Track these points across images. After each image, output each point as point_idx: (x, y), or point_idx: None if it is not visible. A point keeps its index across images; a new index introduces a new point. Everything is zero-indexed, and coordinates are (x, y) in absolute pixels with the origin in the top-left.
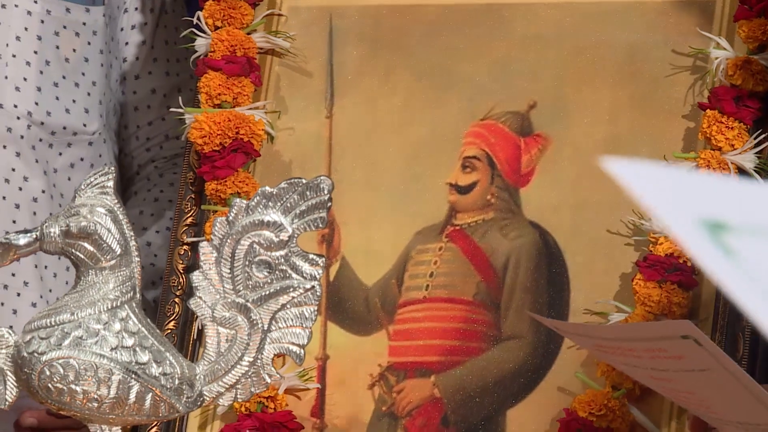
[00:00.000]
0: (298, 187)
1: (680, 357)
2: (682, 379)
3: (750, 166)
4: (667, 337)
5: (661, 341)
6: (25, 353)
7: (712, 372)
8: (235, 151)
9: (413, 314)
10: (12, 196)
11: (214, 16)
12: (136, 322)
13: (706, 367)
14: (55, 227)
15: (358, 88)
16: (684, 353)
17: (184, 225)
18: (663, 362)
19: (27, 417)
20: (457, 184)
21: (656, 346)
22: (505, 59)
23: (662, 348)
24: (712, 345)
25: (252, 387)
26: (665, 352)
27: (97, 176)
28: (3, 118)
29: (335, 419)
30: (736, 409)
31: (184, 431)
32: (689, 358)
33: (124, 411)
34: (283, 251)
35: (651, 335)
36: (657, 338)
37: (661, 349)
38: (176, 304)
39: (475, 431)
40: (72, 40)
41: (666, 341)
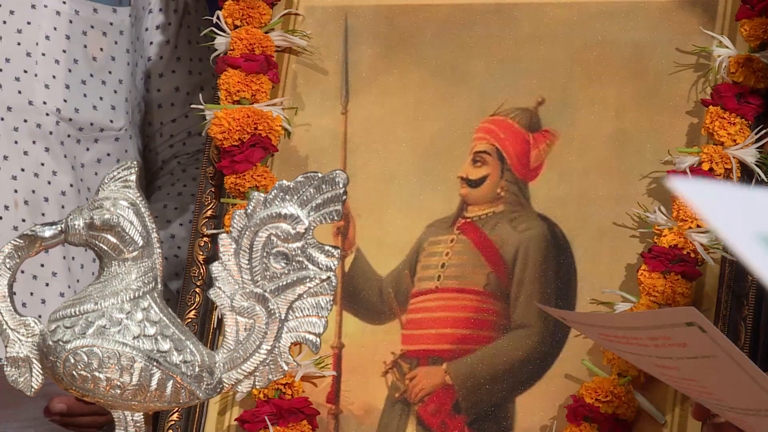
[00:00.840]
0: (314, 181)
1: (684, 344)
2: (685, 366)
3: (751, 160)
4: (672, 325)
5: (666, 329)
6: (50, 342)
7: (716, 359)
8: (254, 146)
9: (425, 304)
10: (41, 189)
11: (233, 16)
12: (157, 311)
13: (710, 353)
14: (79, 220)
15: (372, 85)
16: (688, 340)
17: (204, 217)
18: (667, 350)
19: (56, 403)
20: (468, 178)
21: (661, 333)
22: (514, 57)
23: (666, 336)
24: (716, 331)
25: (270, 374)
26: (669, 339)
27: (120, 170)
28: (33, 115)
29: (350, 405)
30: (738, 395)
31: (204, 417)
32: (693, 345)
33: (146, 397)
34: (300, 243)
35: (656, 323)
36: (662, 326)
37: (665, 337)
38: (197, 293)
39: (485, 417)
40: (99, 40)
41: (670, 329)
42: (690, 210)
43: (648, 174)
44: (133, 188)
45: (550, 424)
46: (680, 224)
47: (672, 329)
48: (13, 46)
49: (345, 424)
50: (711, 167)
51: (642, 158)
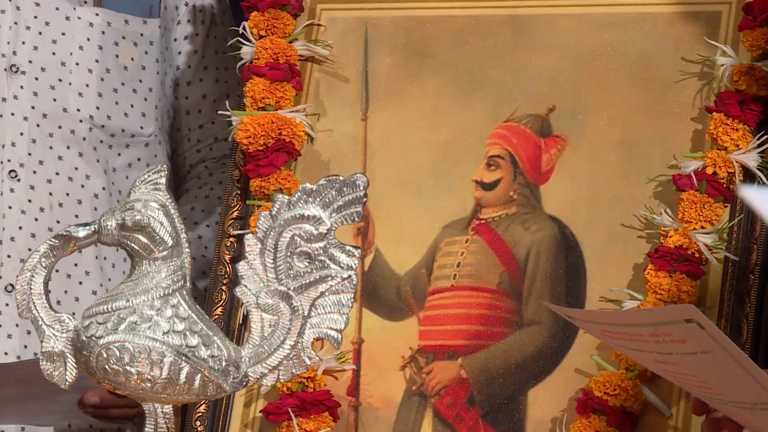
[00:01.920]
0: (335, 184)
1: (684, 341)
2: (685, 361)
3: (753, 164)
4: (672, 322)
5: (667, 326)
6: (84, 337)
7: (714, 354)
8: (278, 151)
9: (441, 301)
10: (75, 193)
11: (258, 26)
12: (186, 308)
13: (708, 349)
14: (111, 221)
15: (391, 93)
16: (687, 337)
17: (230, 218)
18: (668, 346)
19: (90, 396)
20: (482, 181)
21: (661, 330)
22: (527, 66)
23: (667, 332)
24: (714, 328)
25: (293, 368)
26: (670, 335)
27: (151, 174)
28: (67, 122)
29: (369, 398)
30: (735, 389)
31: (230, 409)
32: (692, 341)
33: (175, 390)
34: (322, 243)
35: (657, 320)
36: (662, 323)
37: (666, 333)
38: (223, 291)
39: (498, 409)
40: (130, 50)
41: (671, 325)
42: (694, 212)
43: (654, 178)
44: (162, 191)
45: (561, 416)
46: (685, 225)
47: (672, 326)
48: (48, 56)
49: (364, 416)
50: (715, 171)
51: (648, 162)
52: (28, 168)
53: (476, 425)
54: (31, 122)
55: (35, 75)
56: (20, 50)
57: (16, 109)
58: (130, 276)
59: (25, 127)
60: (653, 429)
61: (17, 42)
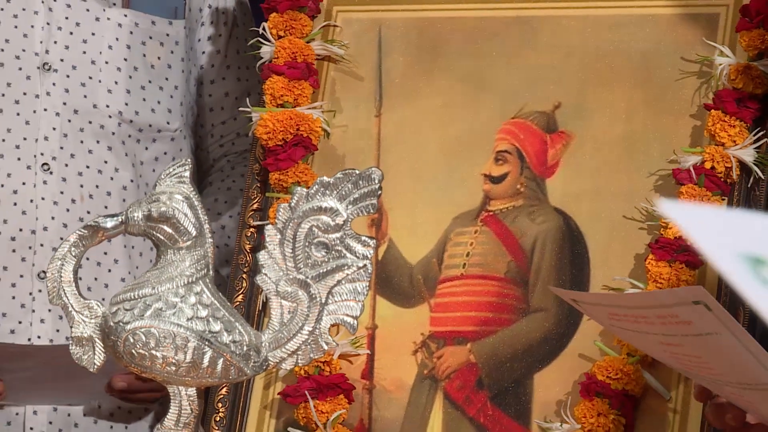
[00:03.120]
0: (351, 177)
1: (690, 322)
2: (689, 343)
3: (750, 159)
4: (680, 303)
5: (674, 307)
6: (111, 323)
7: (720, 336)
8: (296, 146)
9: (452, 289)
10: (104, 185)
11: (277, 27)
12: (209, 295)
13: (714, 331)
14: (138, 212)
15: (404, 90)
16: (693, 318)
17: (250, 210)
18: (673, 328)
19: (118, 381)
20: (490, 175)
21: (668, 312)
22: (533, 65)
23: (674, 314)
24: (721, 309)
25: (311, 353)
26: (676, 317)
27: (176, 167)
28: (97, 117)
29: (383, 381)
30: (738, 370)
31: (250, 391)
32: (698, 323)
33: (199, 374)
34: (339, 234)
35: (664, 302)
36: (670, 305)
37: (672, 315)
38: (243, 279)
39: (506, 392)
40: (157, 49)
41: (678, 307)
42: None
43: (655, 172)
44: (187, 183)
45: (565, 399)
46: None
47: (679, 307)
48: (79, 55)
49: (378, 398)
50: (713, 166)
51: (649, 157)
52: (59, 161)
53: (485, 407)
54: (63, 118)
55: (67, 73)
56: (52, 49)
57: (48, 105)
58: (155, 265)
59: (57, 122)
60: (653, 412)
61: (49, 41)
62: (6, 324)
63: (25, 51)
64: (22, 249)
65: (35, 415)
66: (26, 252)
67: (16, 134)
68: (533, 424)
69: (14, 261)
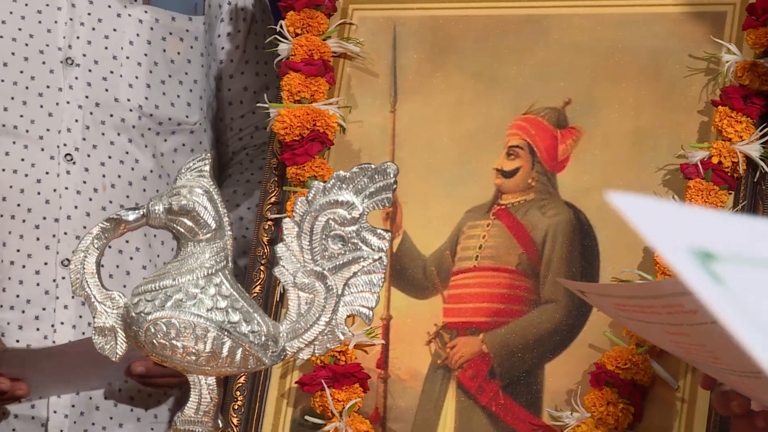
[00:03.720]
0: (367, 172)
1: (695, 311)
2: (695, 332)
3: (756, 154)
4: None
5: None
6: (133, 313)
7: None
8: (312, 141)
9: (464, 281)
10: (126, 175)
11: (294, 25)
12: (228, 287)
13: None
14: (159, 205)
15: (418, 87)
16: (698, 307)
17: (268, 203)
18: (679, 317)
19: (136, 366)
20: (502, 170)
21: (674, 301)
22: (544, 62)
23: (680, 303)
24: None
25: (327, 343)
26: (682, 306)
27: (196, 162)
28: (118, 111)
29: (397, 371)
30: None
31: (267, 380)
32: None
33: (218, 363)
34: (355, 226)
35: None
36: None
37: (678, 304)
38: (261, 271)
39: (517, 382)
40: (177, 45)
41: (684, 296)
42: (701, 199)
43: (663, 166)
44: (207, 177)
45: (576, 388)
46: None
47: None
48: (101, 50)
49: (392, 387)
50: (720, 161)
51: (658, 152)
52: (82, 152)
53: (497, 396)
54: (85, 110)
55: (89, 67)
56: (75, 44)
57: (71, 98)
58: (176, 257)
59: (79, 115)
60: (661, 400)
61: (72, 37)
62: (30, 310)
63: (48, 46)
64: (45, 237)
65: (58, 398)
66: (50, 240)
67: (39, 126)
68: (544, 413)
69: (38, 249)
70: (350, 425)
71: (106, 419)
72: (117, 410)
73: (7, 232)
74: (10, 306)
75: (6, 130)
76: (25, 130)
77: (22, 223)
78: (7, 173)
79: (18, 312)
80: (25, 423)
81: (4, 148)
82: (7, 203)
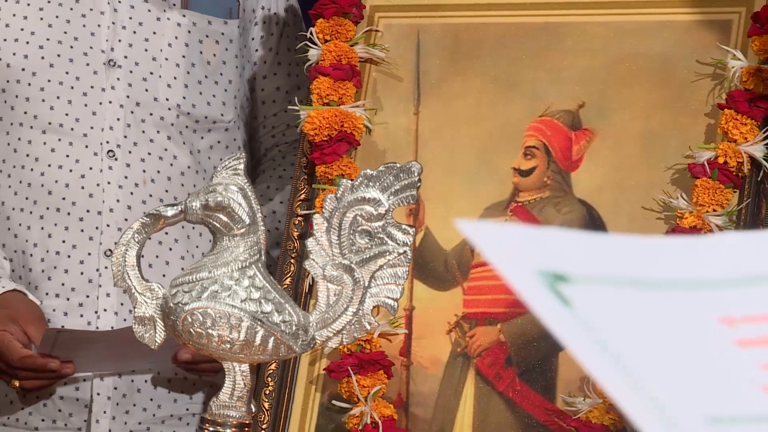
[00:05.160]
0: (393, 170)
1: None
2: None
3: (760, 155)
4: None
5: None
6: (171, 304)
7: None
8: (340, 141)
9: (483, 274)
10: (164, 170)
11: (324, 32)
12: (261, 279)
13: None
14: (196, 201)
15: (440, 90)
16: None
17: (298, 200)
18: None
19: (183, 353)
20: (519, 169)
21: None
22: (559, 67)
23: None
24: None
25: (354, 332)
26: None
27: (231, 160)
28: (157, 109)
29: (419, 358)
30: None
31: (297, 367)
32: None
33: (251, 351)
34: (381, 222)
35: None
36: None
37: None
38: (292, 264)
39: (533, 369)
40: (213, 47)
41: None
42: (707, 196)
43: (672, 166)
44: (241, 175)
45: (588, 376)
46: (699, 208)
47: None
48: (141, 52)
49: (415, 374)
50: (725, 161)
51: (667, 153)
52: (124, 149)
53: (513, 383)
54: (126, 109)
55: (130, 68)
56: (117, 47)
57: (113, 97)
58: (212, 250)
59: (121, 114)
60: None
61: (114, 40)
62: (75, 298)
63: (92, 48)
64: (89, 229)
65: (102, 381)
66: (93, 232)
67: (83, 124)
68: (558, 399)
69: (82, 240)
70: (375, 409)
71: (146, 401)
72: (156, 392)
73: (53, 224)
74: (56, 294)
75: (52, 128)
76: (70, 128)
77: (67, 215)
78: (53, 169)
79: (63, 299)
80: (71, 404)
81: (51, 145)
82: (53, 197)
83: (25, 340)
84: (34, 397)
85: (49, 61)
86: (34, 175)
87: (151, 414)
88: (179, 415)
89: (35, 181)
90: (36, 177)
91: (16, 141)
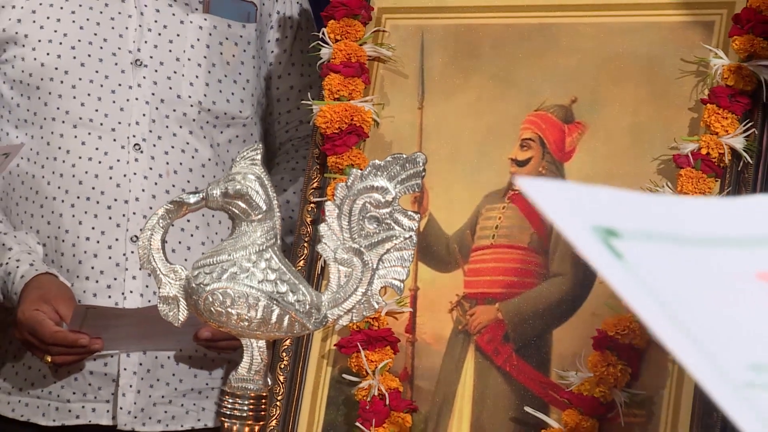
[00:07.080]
0: (399, 161)
1: None
2: None
3: (740, 146)
4: None
5: None
6: (193, 284)
7: None
8: (350, 134)
9: (483, 257)
10: (186, 162)
11: (334, 32)
12: (277, 261)
13: None
14: (216, 189)
15: (442, 87)
16: None
17: (311, 188)
18: None
19: (204, 331)
20: (516, 159)
21: None
22: (553, 65)
23: None
24: None
25: (363, 311)
26: None
27: (249, 151)
28: (180, 106)
29: (423, 335)
30: None
31: (310, 343)
32: None
33: (267, 328)
34: (388, 209)
35: None
36: None
37: None
38: (305, 248)
39: (529, 345)
40: (232, 48)
41: None
42: (691, 185)
43: (658, 157)
44: (258, 165)
45: (580, 351)
46: (683, 197)
47: None
48: (165, 53)
49: (419, 350)
50: (708, 152)
51: (653, 145)
52: (149, 142)
53: (510, 358)
54: (151, 106)
55: (155, 68)
56: (143, 48)
57: (139, 95)
58: (231, 235)
59: (146, 110)
60: (655, 363)
61: (141, 41)
62: (103, 280)
63: (120, 49)
64: (116, 216)
65: (128, 357)
66: (120, 219)
67: (112, 119)
68: (552, 373)
69: (110, 227)
70: (382, 382)
71: (169, 375)
72: (178, 368)
73: (83, 212)
74: (86, 276)
75: (83, 122)
76: (100, 123)
77: (96, 204)
78: (83, 161)
79: (92, 282)
80: (99, 378)
81: (81, 138)
82: (83, 186)
83: (56, 318)
84: (66, 372)
85: (80, 60)
86: (66, 166)
87: (174, 388)
88: (199, 389)
89: (67, 172)
90: (68, 168)
91: (50, 135)
